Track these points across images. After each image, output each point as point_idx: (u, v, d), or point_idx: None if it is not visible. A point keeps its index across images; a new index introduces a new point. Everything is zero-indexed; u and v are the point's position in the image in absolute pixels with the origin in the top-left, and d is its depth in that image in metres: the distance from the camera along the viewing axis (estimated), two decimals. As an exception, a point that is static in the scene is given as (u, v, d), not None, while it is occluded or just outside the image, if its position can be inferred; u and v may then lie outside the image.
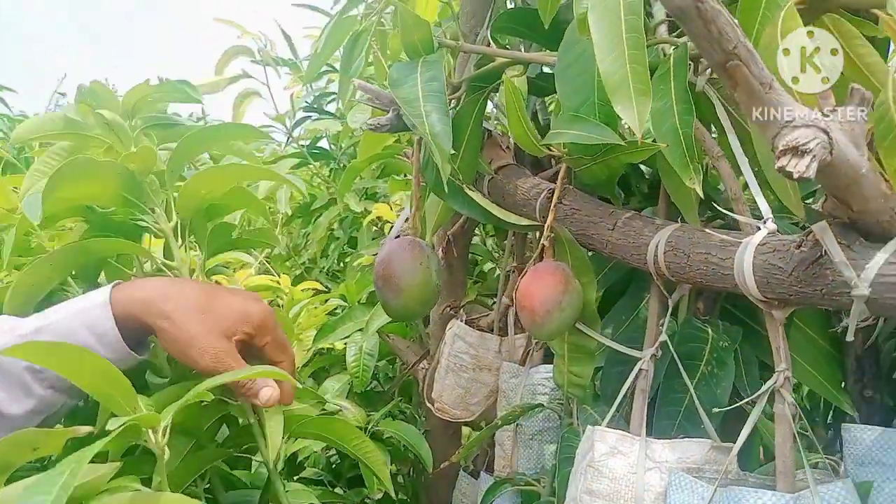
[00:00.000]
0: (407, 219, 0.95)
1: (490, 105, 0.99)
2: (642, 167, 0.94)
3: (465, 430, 1.50)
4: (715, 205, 0.72)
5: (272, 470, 0.79)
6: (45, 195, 0.70)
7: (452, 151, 0.76)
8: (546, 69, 0.94)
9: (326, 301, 1.41)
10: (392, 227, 1.51)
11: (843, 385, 0.77)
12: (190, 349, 0.70)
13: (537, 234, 0.86)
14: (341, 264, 2.15)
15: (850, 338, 0.54)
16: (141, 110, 0.91)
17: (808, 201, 0.84)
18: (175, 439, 0.73)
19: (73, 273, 0.85)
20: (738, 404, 0.69)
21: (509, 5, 1.02)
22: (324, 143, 2.08)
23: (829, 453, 0.76)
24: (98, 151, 0.85)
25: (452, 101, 0.86)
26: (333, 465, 1.28)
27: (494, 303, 1.14)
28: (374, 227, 1.84)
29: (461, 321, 1.11)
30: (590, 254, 0.83)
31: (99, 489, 0.62)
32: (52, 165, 0.83)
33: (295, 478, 1.20)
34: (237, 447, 0.84)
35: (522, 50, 0.95)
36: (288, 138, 2.00)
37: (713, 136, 0.71)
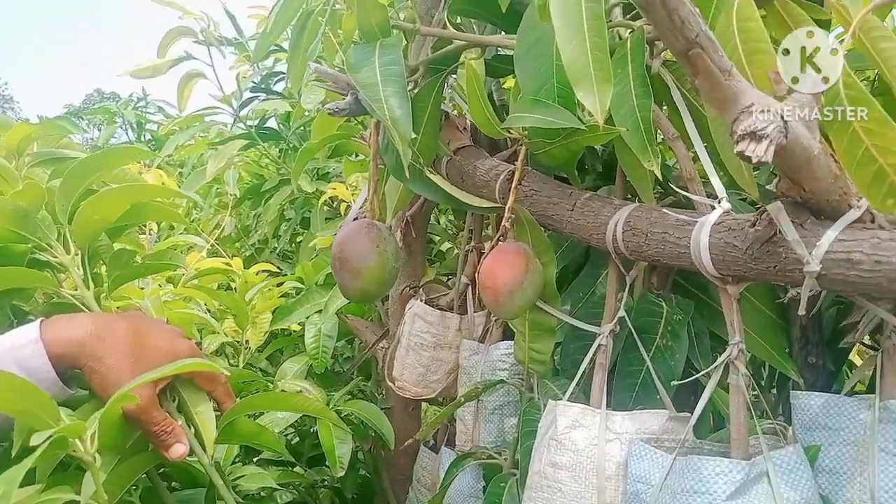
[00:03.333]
0: (365, 200, 0.95)
1: (445, 86, 0.99)
2: (597, 146, 0.97)
3: (424, 405, 1.51)
4: (670, 185, 0.74)
5: (208, 466, 0.80)
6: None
7: (413, 135, 0.77)
8: (501, 51, 0.94)
9: (282, 283, 1.40)
10: (349, 207, 1.50)
11: (788, 352, 0.81)
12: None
13: (496, 214, 0.87)
14: (293, 245, 2.13)
15: (801, 312, 0.57)
16: (24, 148, 0.90)
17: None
18: (105, 454, 0.71)
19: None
20: (694, 377, 0.73)
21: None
22: (272, 123, 2.05)
23: (774, 415, 0.80)
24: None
25: (410, 83, 0.87)
26: (293, 445, 1.28)
27: (451, 281, 1.15)
28: (328, 208, 1.83)
29: (421, 301, 1.12)
30: (547, 233, 0.85)
31: None
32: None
33: (254, 460, 1.19)
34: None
35: (476, 31, 0.95)
36: (235, 119, 1.96)
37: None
